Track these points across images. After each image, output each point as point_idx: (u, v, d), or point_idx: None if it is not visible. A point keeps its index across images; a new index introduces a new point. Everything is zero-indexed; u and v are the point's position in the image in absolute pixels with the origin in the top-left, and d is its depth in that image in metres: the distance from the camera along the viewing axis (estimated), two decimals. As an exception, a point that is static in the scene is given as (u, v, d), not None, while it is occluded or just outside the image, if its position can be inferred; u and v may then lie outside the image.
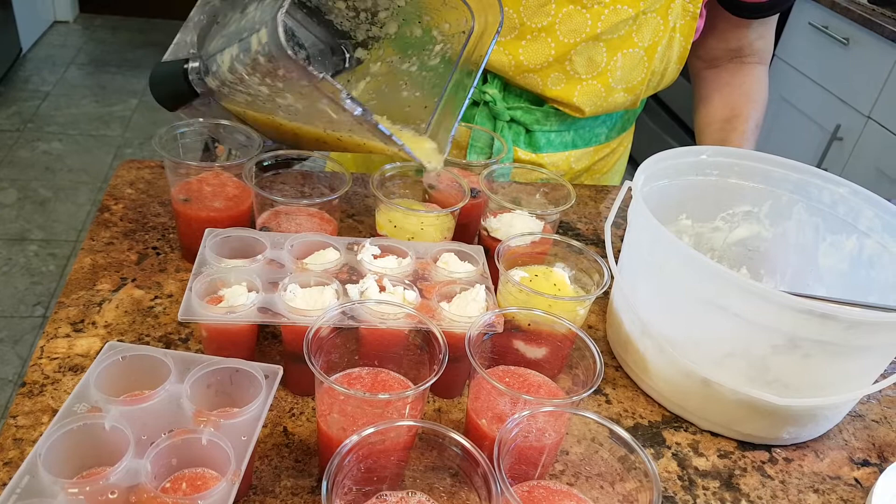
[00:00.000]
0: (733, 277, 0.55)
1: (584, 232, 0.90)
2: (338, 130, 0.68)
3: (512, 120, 0.92)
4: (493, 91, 0.89)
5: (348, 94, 0.59)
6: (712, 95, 1.01)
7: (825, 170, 0.74)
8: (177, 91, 0.71)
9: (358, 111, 0.60)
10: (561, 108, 0.90)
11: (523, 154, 0.93)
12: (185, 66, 0.69)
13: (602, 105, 0.89)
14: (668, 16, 0.84)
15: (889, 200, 0.71)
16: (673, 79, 0.94)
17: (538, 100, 0.90)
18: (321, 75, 0.58)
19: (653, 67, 0.88)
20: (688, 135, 3.07)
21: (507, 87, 0.91)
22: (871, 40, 2.12)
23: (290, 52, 0.57)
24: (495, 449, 0.43)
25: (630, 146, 1.09)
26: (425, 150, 0.72)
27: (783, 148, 2.50)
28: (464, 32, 0.73)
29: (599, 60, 0.85)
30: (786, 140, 2.50)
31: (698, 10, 0.86)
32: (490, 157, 0.91)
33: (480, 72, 0.72)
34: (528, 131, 0.93)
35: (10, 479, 0.41)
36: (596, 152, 0.99)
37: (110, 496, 0.41)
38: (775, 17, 0.96)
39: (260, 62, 0.60)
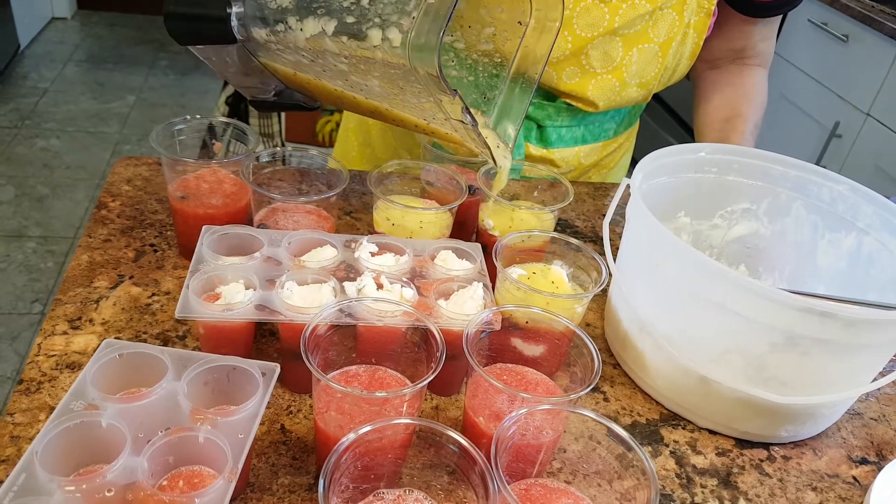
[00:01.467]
0: (732, 275, 0.55)
1: (583, 229, 0.90)
2: (406, 110, 0.64)
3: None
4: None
5: (466, 108, 0.57)
6: (712, 96, 1.01)
7: (824, 167, 0.74)
8: (205, 31, 0.64)
9: (469, 121, 0.57)
10: (574, 103, 0.90)
11: (534, 150, 0.93)
12: (229, 9, 0.62)
13: (615, 100, 0.90)
14: (683, 11, 0.85)
15: (888, 198, 0.71)
16: (683, 74, 0.95)
17: (550, 95, 0.90)
18: (455, 92, 0.55)
19: (666, 63, 0.88)
20: (687, 133, 3.06)
21: None
22: (870, 37, 2.11)
23: (443, 82, 0.53)
24: (493, 447, 0.43)
25: (634, 141, 1.09)
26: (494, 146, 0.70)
27: (782, 145, 2.49)
28: (520, 23, 0.69)
29: (615, 55, 0.85)
30: (785, 137, 2.49)
31: (713, 7, 0.87)
32: None
33: (545, 65, 0.71)
34: (539, 126, 0.93)
35: (7, 476, 0.41)
36: (605, 147, 0.99)
37: (107, 494, 0.41)
38: (778, 19, 0.96)
39: (376, 57, 0.55)
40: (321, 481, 0.40)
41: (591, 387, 0.51)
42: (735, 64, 1.00)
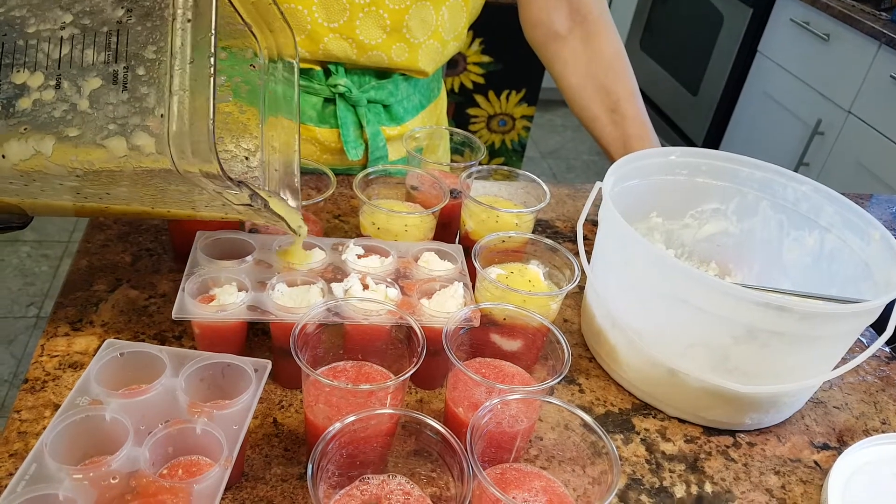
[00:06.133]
0: (694, 273, 0.59)
1: (563, 230, 0.94)
2: (167, 206, 0.55)
3: (369, 101, 0.92)
4: (342, 81, 0.89)
5: (254, 193, 0.50)
6: (578, 83, 0.98)
7: (807, 164, 0.77)
8: None
9: (260, 204, 0.51)
10: (407, 73, 0.92)
11: (391, 130, 0.94)
12: None
13: (440, 60, 0.93)
14: None
15: (870, 196, 0.74)
16: (479, 10, 0.95)
17: (383, 73, 0.92)
18: (241, 184, 0.47)
19: (469, 8, 0.91)
20: (677, 134, 3.10)
21: (350, 71, 0.91)
22: (851, 36, 2.16)
23: (227, 179, 0.45)
24: (468, 434, 0.47)
25: (445, 91, 1.10)
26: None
27: (765, 143, 2.54)
28: (253, 67, 0.61)
29: (430, 20, 0.87)
30: (767, 135, 2.54)
31: None
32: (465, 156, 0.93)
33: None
34: (385, 107, 0.94)
35: (16, 469, 0.44)
36: (436, 106, 1.02)
37: (112, 481, 0.45)
38: None
39: (126, 168, 0.46)
40: (309, 467, 0.44)
41: (561, 377, 0.55)
42: (578, 27, 0.96)
